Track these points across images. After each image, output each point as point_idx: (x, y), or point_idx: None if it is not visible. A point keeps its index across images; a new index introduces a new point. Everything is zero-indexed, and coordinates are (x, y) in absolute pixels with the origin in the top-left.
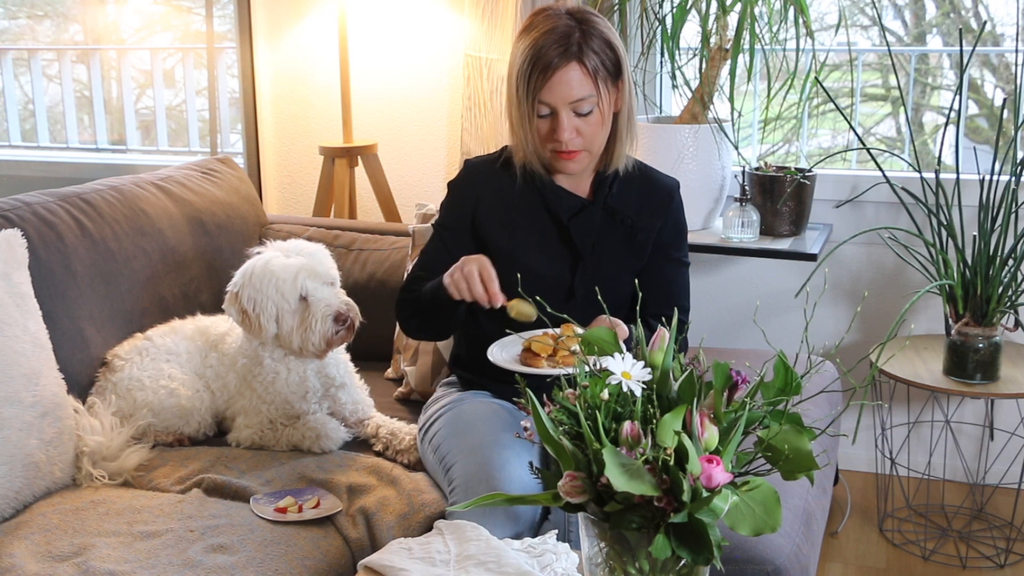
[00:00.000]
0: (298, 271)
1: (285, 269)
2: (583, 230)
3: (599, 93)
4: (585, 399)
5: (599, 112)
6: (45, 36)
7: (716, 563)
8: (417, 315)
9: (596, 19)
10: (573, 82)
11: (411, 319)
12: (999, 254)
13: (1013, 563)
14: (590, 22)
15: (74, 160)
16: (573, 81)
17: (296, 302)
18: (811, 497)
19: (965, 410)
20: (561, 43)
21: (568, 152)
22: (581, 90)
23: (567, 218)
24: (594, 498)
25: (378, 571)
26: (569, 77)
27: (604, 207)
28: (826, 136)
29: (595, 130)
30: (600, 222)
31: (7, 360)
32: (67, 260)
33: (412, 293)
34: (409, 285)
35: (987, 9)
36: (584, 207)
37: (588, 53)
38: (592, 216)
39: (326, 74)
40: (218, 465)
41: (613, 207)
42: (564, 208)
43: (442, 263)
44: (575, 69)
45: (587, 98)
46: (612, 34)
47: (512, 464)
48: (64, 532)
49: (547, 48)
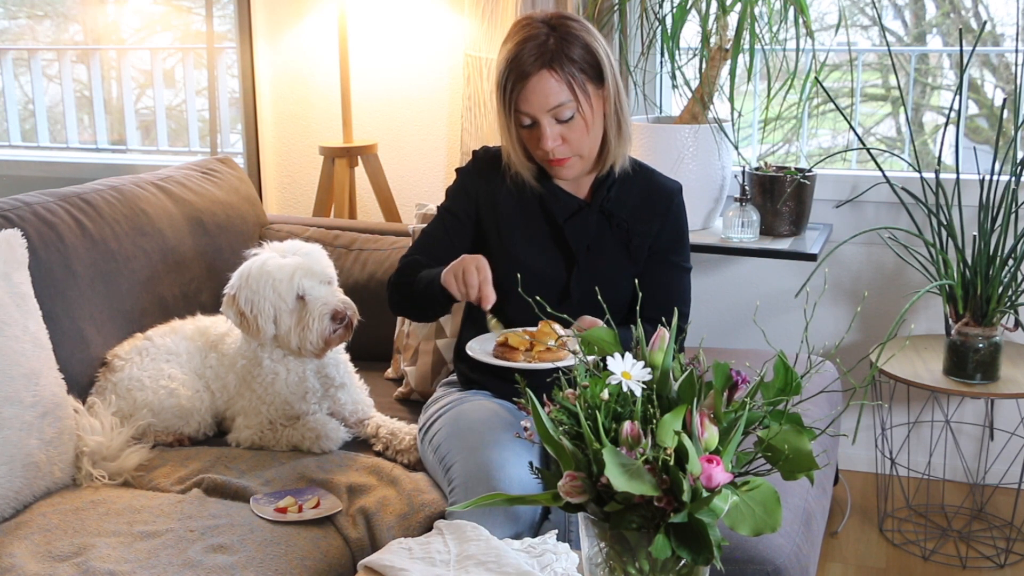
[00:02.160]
0: (294, 270)
1: (281, 269)
2: (578, 232)
3: (578, 98)
4: (585, 399)
5: (581, 117)
6: (45, 36)
7: (716, 563)
8: (408, 299)
9: (572, 23)
10: (548, 90)
11: (402, 302)
12: (999, 254)
13: (1013, 563)
14: (566, 27)
15: (74, 160)
16: (548, 89)
17: (293, 302)
18: (811, 497)
19: (965, 410)
20: (533, 51)
21: (558, 160)
22: (557, 97)
23: (563, 219)
24: (594, 498)
25: (378, 571)
26: (544, 85)
27: (601, 210)
28: (826, 136)
29: (580, 135)
30: (596, 225)
31: (7, 360)
32: (67, 260)
33: (406, 277)
34: (404, 269)
35: (987, 9)
36: (580, 209)
37: (561, 59)
38: (588, 218)
39: (326, 74)
40: (218, 465)
41: (610, 210)
42: (560, 210)
43: (440, 247)
44: (548, 76)
45: (565, 104)
46: (591, 37)
47: (512, 464)
48: (64, 532)
49: (521, 57)
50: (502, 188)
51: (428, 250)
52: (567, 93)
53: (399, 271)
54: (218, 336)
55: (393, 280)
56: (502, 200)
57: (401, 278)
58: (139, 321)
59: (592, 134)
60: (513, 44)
